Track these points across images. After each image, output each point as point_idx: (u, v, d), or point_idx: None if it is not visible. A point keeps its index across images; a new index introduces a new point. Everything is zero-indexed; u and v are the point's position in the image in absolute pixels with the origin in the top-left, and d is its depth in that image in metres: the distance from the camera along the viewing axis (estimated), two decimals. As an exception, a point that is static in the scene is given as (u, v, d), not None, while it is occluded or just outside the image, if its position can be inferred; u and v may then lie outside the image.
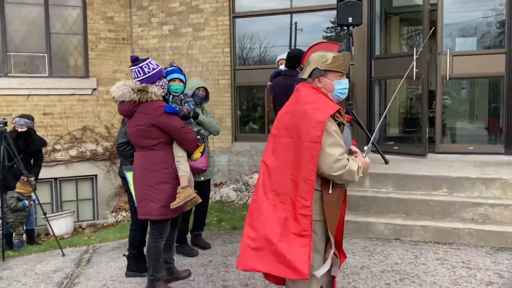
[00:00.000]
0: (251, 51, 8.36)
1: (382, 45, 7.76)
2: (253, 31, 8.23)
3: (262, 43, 8.27)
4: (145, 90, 3.29)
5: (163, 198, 3.32)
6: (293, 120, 2.47)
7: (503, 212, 4.40)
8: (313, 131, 2.35)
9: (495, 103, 6.46)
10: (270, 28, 8.12)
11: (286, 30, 7.99)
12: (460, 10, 6.71)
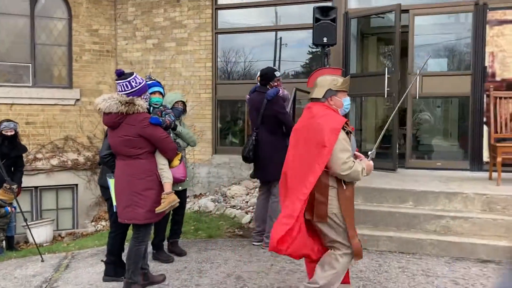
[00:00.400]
0: (234, 66, 8.62)
1: (358, 63, 8.11)
2: (236, 47, 8.50)
3: (245, 58, 8.54)
4: (133, 102, 3.52)
5: (149, 204, 3.57)
6: (311, 132, 3.02)
7: (463, 224, 4.69)
8: (329, 136, 2.92)
9: (462, 122, 6.81)
10: (253, 44, 8.40)
11: (269, 45, 8.31)
12: (430, 33, 7.09)
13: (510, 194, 4.82)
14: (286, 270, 4.16)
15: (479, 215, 4.74)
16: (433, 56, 7.05)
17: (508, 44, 6.16)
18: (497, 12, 6.21)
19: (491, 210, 4.83)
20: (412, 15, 6.56)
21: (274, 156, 4.59)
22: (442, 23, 7.20)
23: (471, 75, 6.35)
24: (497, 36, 6.22)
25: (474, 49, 6.33)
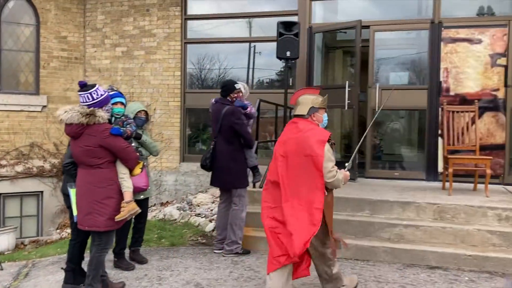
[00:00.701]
0: (203, 75, 8.72)
1: (323, 76, 8.35)
2: (206, 56, 8.61)
3: (214, 67, 8.66)
4: (93, 114, 3.61)
5: (108, 212, 3.65)
6: (300, 145, 3.37)
7: (415, 232, 4.91)
8: (317, 148, 3.29)
9: (419, 134, 7.09)
10: (223, 53, 8.50)
11: (239, 56, 8.45)
12: (390, 48, 7.37)
13: (459, 204, 5.08)
14: (244, 277, 4.28)
15: (430, 223, 4.97)
16: (393, 70, 7.33)
17: (461, 60, 6.49)
18: (450, 31, 6.54)
19: (442, 218, 5.08)
20: (372, 31, 6.84)
21: (230, 166, 4.73)
22: (402, 38, 7.51)
23: (428, 90, 6.65)
24: (451, 53, 6.54)
25: (430, 64, 6.64)
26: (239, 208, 4.80)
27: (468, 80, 6.48)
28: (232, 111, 4.78)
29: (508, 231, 4.71)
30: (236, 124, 4.76)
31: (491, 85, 6.41)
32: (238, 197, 4.82)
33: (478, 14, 6.77)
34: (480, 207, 5.01)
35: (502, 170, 6.40)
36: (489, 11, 6.74)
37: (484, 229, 4.78)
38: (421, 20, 6.77)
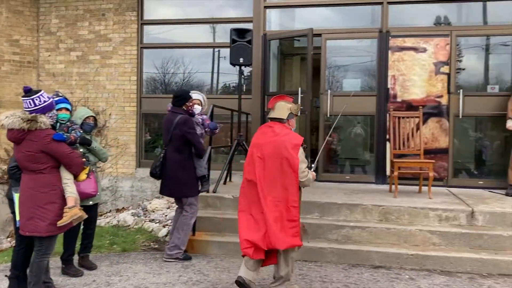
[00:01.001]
0: (161, 80, 8.69)
1: (279, 82, 8.50)
2: (164, 61, 8.60)
3: (176, 72, 8.64)
4: (35, 119, 3.59)
5: (50, 217, 3.63)
6: (277, 148, 3.68)
7: (361, 233, 5.09)
8: (293, 151, 3.64)
9: (369, 139, 7.32)
10: (183, 58, 8.51)
11: (202, 60, 8.48)
12: (342, 55, 7.58)
13: (403, 205, 5.30)
14: (193, 281, 4.31)
15: (376, 224, 5.16)
16: (345, 77, 7.54)
17: (407, 68, 6.77)
18: (398, 39, 6.82)
19: (387, 220, 5.28)
20: (324, 39, 7.04)
21: (179, 175, 4.76)
22: (354, 46, 7.74)
23: (376, 96, 6.90)
24: (398, 61, 6.82)
25: (378, 72, 6.90)
26: (188, 215, 4.83)
27: (414, 87, 6.78)
28: (185, 120, 4.81)
29: (447, 231, 4.94)
30: (188, 134, 4.79)
31: (435, 92, 6.72)
32: (189, 205, 4.85)
33: (424, 24, 7.07)
34: (422, 208, 5.24)
35: (446, 173, 6.71)
36: (434, 22, 7.06)
37: (425, 229, 5.00)
38: (370, 29, 7.03)
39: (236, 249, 5.02)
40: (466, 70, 7.01)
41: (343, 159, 7.41)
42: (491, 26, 6.89)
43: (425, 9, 7.09)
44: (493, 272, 4.53)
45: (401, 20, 7.11)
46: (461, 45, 6.88)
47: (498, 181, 6.52)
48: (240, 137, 6.28)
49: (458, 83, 6.79)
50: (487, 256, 4.63)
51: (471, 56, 7.11)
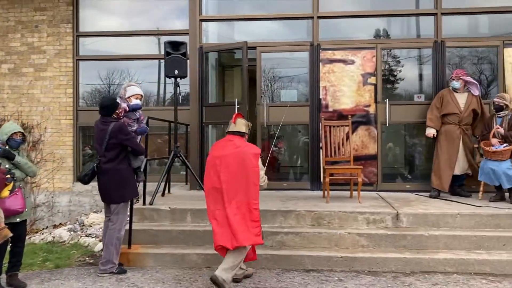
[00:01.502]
0: (99, 92, 8.53)
1: (218, 93, 8.60)
2: (102, 73, 8.46)
3: (113, 83, 8.52)
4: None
5: None
6: (240, 157, 4.15)
7: (294, 239, 5.24)
8: (254, 160, 4.17)
9: (305, 147, 7.55)
10: (127, 69, 8.41)
11: (146, 71, 8.41)
12: (278, 67, 7.79)
13: (334, 210, 5.51)
14: (127, 294, 4.28)
15: (308, 229, 5.33)
16: (281, 88, 7.74)
17: (338, 80, 7.08)
18: (328, 52, 7.13)
19: (319, 224, 5.47)
20: (259, 52, 7.23)
21: (117, 182, 4.71)
22: (288, 58, 7.98)
23: (309, 106, 7.15)
24: (329, 72, 7.12)
25: (310, 83, 7.16)
26: (116, 227, 4.76)
27: (344, 97, 7.09)
28: (119, 127, 4.76)
29: (374, 233, 5.19)
30: (126, 141, 4.76)
31: (363, 101, 7.06)
32: (117, 214, 4.79)
33: (352, 37, 7.43)
34: (351, 212, 5.48)
35: (375, 178, 7.04)
36: (361, 35, 7.44)
37: (354, 232, 5.23)
38: (302, 42, 7.29)
39: (172, 260, 5.05)
40: (393, 80, 7.42)
41: (281, 167, 7.59)
42: (412, 40, 7.35)
43: (353, 23, 7.46)
44: (415, 270, 4.80)
45: (331, 34, 7.42)
46: (386, 57, 7.28)
47: (423, 185, 6.93)
48: (177, 148, 6.29)
49: (386, 93, 7.18)
50: (410, 255, 4.90)
51: (397, 67, 7.51)
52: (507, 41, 6.97)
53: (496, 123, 6.08)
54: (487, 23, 7.55)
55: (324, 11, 7.29)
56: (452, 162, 6.36)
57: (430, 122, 6.55)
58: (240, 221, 4.07)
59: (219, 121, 7.29)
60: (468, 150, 6.37)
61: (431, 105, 6.63)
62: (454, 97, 6.45)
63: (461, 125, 6.39)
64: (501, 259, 4.74)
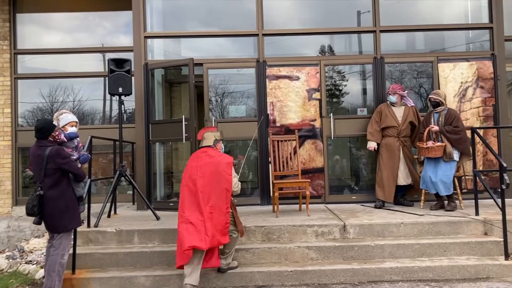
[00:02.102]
0: (40, 111, 8.19)
1: (165, 110, 8.47)
2: (43, 92, 8.14)
3: (55, 101, 8.21)
4: None
5: None
6: (214, 167, 4.58)
7: (245, 255, 5.18)
8: (227, 168, 4.60)
9: (255, 162, 7.58)
10: (71, 86, 8.16)
11: (91, 88, 8.16)
12: (226, 83, 7.81)
13: (283, 224, 5.53)
14: (70, 323, 4.07)
15: (259, 245, 5.31)
16: (230, 104, 7.75)
17: (284, 95, 7.19)
18: (273, 69, 7.24)
19: (269, 239, 5.47)
20: (205, 68, 7.22)
21: (60, 211, 4.47)
22: (236, 75, 8.03)
23: (257, 122, 7.20)
24: (275, 88, 7.22)
25: (258, 99, 7.23)
26: (58, 252, 4.52)
27: (290, 112, 7.20)
28: (57, 152, 4.53)
29: (323, 245, 5.25)
30: (65, 164, 4.53)
31: (309, 116, 7.21)
32: (60, 239, 4.56)
33: (296, 54, 7.59)
34: (301, 225, 5.52)
35: (323, 191, 7.17)
36: (305, 52, 7.62)
37: (303, 245, 5.27)
38: (249, 59, 7.36)
39: (120, 284, 4.87)
40: (337, 95, 7.63)
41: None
42: (353, 56, 7.60)
43: (298, 40, 7.62)
44: (363, 280, 4.89)
45: (278, 51, 7.54)
46: (330, 73, 7.49)
47: (369, 195, 7.13)
48: (123, 167, 6.12)
49: (331, 107, 7.37)
50: (357, 266, 4.99)
51: (341, 83, 7.73)
52: (441, 56, 7.37)
53: (434, 119, 6.34)
54: (423, 39, 7.96)
55: (269, 29, 7.42)
56: (394, 174, 6.59)
57: (370, 136, 6.79)
58: (213, 223, 4.48)
59: (166, 139, 7.18)
60: (409, 160, 6.63)
61: (371, 119, 6.88)
62: (391, 111, 6.73)
63: (400, 137, 6.65)
64: (442, 265, 4.93)
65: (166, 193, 7.77)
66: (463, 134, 6.11)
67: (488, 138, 7.17)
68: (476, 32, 7.72)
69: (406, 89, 7.02)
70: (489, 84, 7.27)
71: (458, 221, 5.52)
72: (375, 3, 7.42)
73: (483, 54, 7.36)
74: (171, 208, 6.83)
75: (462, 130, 6.12)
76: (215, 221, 4.50)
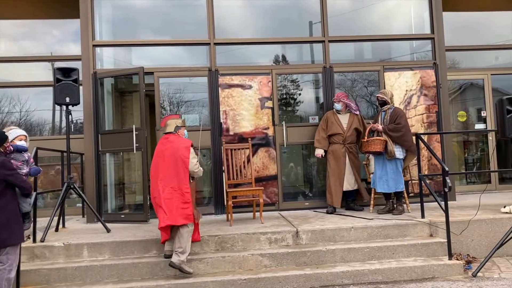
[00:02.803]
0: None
1: (116, 120, 8.31)
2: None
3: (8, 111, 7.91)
4: None
5: None
6: (173, 150, 4.97)
7: (198, 265, 5.13)
8: (185, 152, 4.98)
9: (209, 171, 7.56)
10: (10, 96, 7.85)
11: (40, 97, 7.89)
12: (179, 92, 7.77)
13: (237, 233, 5.55)
14: None
15: (212, 254, 5.29)
16: (184, 112, 7.71)
17: (237, 104, 7.25)
18: (226, 77, 7.29)
19: (223, 248, 5.47)
20: (156, 77, 7.17)
21: (3, 224, 4.28)
22: (189, 84, 8.00)
23: (211, 130, 7.21)
24: (228, 97, 7.27)
25: (211, 108, 7.24)
26: (5, 268, 4.33)
27: (243, 121, 7.26)
28: (2, 162, 4.36)
29: (276, 252, 5.31)
30: (10, 176, 4.35)
31: (262, 124, 7.30)
32: (6, 255, 4.37)
33: (249, 63, 7.69)
34: (254, 233, 5.56)
35: (277, 198, 7.26)
36: (257, 61, 7.73)
37: (257, 253, 5.30)
38: (201, 68, 7.37)
39: (66, 300, 4.71)
40: (289, 104, 7.77)
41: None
42: (304, 65, 7.80)
43: (251, 49, 7.73)
44: (315, 285, 4.98)
45: (230, 59, 7.61)
46: (282, 82, 7.63)
47: (321, 201, 7.28)
48: (71, 179, 5.95)
49: (283, 116, 7.50)
50: (310, 271, 5.07)
51: (293, 91, 7.88)
52: (386, 65, 7.69)
53: (381, 117, 6.57)
54: (371, 49, 8.28)
55: (221, 38, 7.47)
56: (341, 179, 6.76)
57: (317, 143, 6.95)
58: (173, 203, 4.87)
59: (116, 149, 7.04)
60: (355, 166, 6.82)
61: (318, 127, 7.06)
62: (337, 118, 6.93)
63: (345, 144, 6.85)
64: (391, 267, 5.10)
65: (117, 205, 7.60)
66: (405, 131, 6.31)
67: (432, 143, 7.52)
68: (420, 42, 8.13)
69: (354, 98, 7.24)
70: (432, 92, 7.65)
71: (406, 224, 5.75)
72: (323, 13, 7.65)
73: (426, 63, 7.74)
74: (122, 220, 6.70)
75: (403, 127, 6.32)
76: (175, 200, 4.88)
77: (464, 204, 7.10)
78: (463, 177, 9.16)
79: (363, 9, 8.04)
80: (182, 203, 4.89)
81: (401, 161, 6.41)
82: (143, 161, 6.77)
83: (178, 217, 4.85)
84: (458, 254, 5.51)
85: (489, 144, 9.07)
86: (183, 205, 4.89)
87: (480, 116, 9.20)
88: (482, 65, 9.23)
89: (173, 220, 4.84)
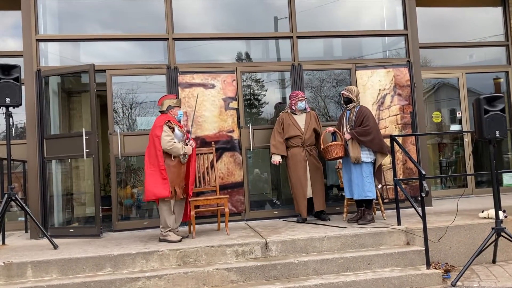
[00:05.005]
0: None
1: (64, 122, 8.05)
2: None
3: None
4: None
5: None
6: (151, 131, 5.76)
7: (158, 283, 5.03)
8: (157, 131, 5.70)
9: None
10: None
11: None
12: (134, 92, 7.61)
13: (200, 246, 5.47)
14: None
15: (174, 270, 5.18)
16: (139, 114, 7.56)
17: (199, 104, 7.17)
18: (186, 76, 7.20)
19: (185, 263, 5.38)
20: (109, 75, 7.00)
21: None
22: (146, 83, 7.86)
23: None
24: (189, 97, 7.18)
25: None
26: None
27: (206, 123, 7.20)
28: None
29: (244, 266, 5.25)
30: None
31: (227, 127, 7.25)
32: None
33: (212, 60, 7.63)
34: (219, 246, 5.49)
35: (243, 207, 7.22)
36: (220, 58, 7.69)
37: (223, 267, 5.23)
38: (158, 65, 7.26)
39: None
40: (256, 104, 7.77)
41: (141, 205, 7.35)
42: (271, 63, 7.79)
43: (214, 46, 7.68)
44: (287, 300, 4.96)
45: (191, 56, 7.53)
46: (248, 81, 7.62)
47: (290, 210, 7.29)
48: (12, 190, 5.71)
49: (249, 117, 7.48)
50: (281, 285, 5.04)
51: (260, 91, 7.89)
52: (358, 63, 7.81)
53: (346, 117, 6.55)
54: (341, 46, 8.40)
55: (180, 33, 7.38)
56: (303, 186, 6.68)
57: (274, 148, 6.79)
58: (152, 179, 5.67)
59: (64, 155, 6.80)
60: (317, 170, 6.78)
61: (273, 131, 6.93)
62: (293, 119, 6.84)
63: (305, 146, 6.78)
64: (367, 279, 5.14)
65: (65, 218, 7.35)
66: (374, 133, 6.24)
67: (407, 146, 7.69)
68: (392, 39, 8.30)
69: (322, 99, 7.28)
70: (406, 91, 7.82)
71: (381, 232, 5.83)
72: (291, 8, 7.70)
73: (399, 61, 7.92)
74: (71, 235, 6.49)
75: (372, 128, 6.24)
76: (154, 177, 5.64)
77: (441, 209, 7.28)
78: (438, 182, 9.41)
79: (333, 4, 8.16)
80: (161, 179, 5.64)
81: (369, 164, 6.31)
82: (95, 169, 6.57)
83: (156, 193, 5.66)
84: (436, 263, 5.64)
85: (465, 146, 9.35)
86: (163, 181, 5.63)
87: (454, 117, 9.48)
88: (456, 63, 9.53)
89: (156, 194, 5.67)
